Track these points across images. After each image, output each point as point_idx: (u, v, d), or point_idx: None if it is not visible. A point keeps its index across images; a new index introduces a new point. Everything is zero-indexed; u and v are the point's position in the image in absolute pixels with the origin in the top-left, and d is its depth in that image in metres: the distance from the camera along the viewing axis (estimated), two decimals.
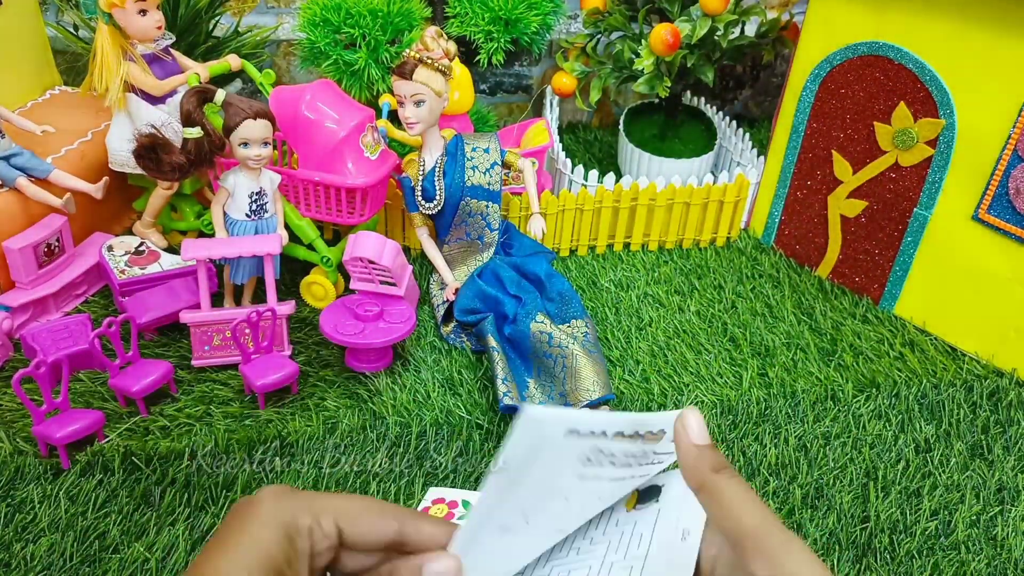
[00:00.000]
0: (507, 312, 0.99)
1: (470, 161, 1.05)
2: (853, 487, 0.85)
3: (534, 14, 1.23)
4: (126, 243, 1.08)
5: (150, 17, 1.00)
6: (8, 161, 0.99)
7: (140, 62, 1.02)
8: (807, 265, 1.21)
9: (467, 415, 0.91)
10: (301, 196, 1.04)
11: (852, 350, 1.04)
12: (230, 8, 1.49)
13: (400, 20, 1.19)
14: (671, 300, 1.12)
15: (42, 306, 1.01)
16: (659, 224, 1.21)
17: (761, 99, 1.71)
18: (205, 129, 0.92)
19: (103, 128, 1.14)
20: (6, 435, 0.85)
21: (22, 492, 0.79)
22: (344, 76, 1.20)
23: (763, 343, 1.05)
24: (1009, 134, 0.93)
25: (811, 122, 1.14)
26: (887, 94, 1.04)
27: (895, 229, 1.08)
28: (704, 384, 0.97)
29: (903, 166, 1.05)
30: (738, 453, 0.88)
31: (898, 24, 1.00)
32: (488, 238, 1.08)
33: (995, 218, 0.98)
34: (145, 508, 0.78)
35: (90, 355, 0.93)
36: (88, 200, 1.05)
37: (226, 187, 0.95)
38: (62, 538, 0.75)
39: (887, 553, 0.78)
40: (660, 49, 1.18)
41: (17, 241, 0.97)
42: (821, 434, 0.91)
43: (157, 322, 0.99)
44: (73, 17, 1.35)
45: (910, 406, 0.96)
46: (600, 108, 1.66)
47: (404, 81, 0.97)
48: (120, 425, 0.87)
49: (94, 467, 0.82)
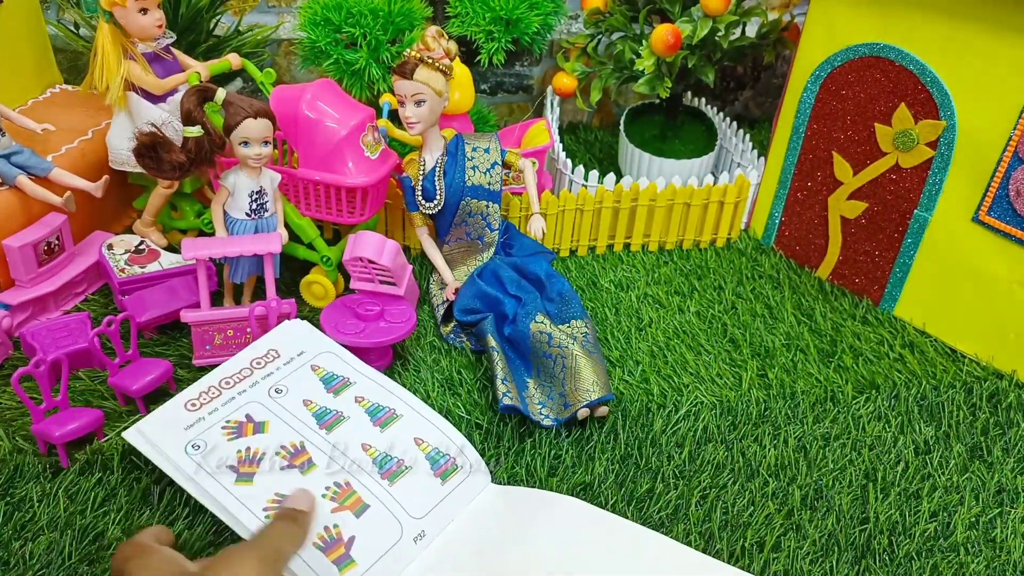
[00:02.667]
0: (507, 312, 0.99)
1: (470, 161, 1.05)
2: (852, 488, 0.85)
3: (535, 14, 1.23)
4: (126, 242, 1.08)
5: (151, 16, 1.00)
6: (8, 159, 0.99)
7: (141, 61, 1.02)
8: (807, 266, 1.21)
9: (466, 415, 0.91)
10: (301, 195, 1.04)
11: (852, 351, 1.04)
12: (231, 7, 1.49)
13: (401, 20, 1.19)
14: (671, 301, 1.12)
15: (42, 304, 1.01)
16: (659, 225, 1.21)
17: (762, 100, 1.71)
18: (205, 128, 0.92)
19: (103, 127, 1.14)
20: (5, 433, 0.85)
21: (21, 490, 0.79)
22: (345, 75, 1.20)
23: (763, 344, 1.05)
24: (1010, 136, 0.93)
25: (811, 123, 1.14)
26: (888, 95, 1.04)
27: (895, 230, 1.08)
28: (704, 385, 0.97)
29: (903, 167, 1.05)
30: (737, 454, 0.88)
31: (899, 26, 1.00)
32: (488, 238, 1.08)
33: (995, 220, 0.98)
34: (144, 507, 0.78)
35: (90, 354, 0.93)
36: (88, 198, 1.05)
37: (226, 186, 0.95)
38: (61, 536, 0.75)
39: (886, 555, 0.78)
40: (661, 50, 1.18)
41: (17, 239, 0.97)
42: (820, 435, 0.91)
43: (157, 321, 0.99)
44: (74, 15, 1.35)
45: (910, 407, 0.96)
46: (600, 108, 1.66)
47: (405, 80, 0.97)
48: (120, 424, 0.87)
49: (93, 466, 0.82)
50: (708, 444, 0.89)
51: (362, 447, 0.76)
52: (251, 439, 0.75)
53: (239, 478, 0.72)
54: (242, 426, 0.77)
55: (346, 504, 0.71)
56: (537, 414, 0.89)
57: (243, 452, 0.74)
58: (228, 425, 0.77)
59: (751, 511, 0.82)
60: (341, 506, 0.70)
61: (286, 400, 0.80)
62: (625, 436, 0.90)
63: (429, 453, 0.78)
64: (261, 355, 0.85)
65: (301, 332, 0.89)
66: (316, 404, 0.80)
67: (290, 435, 0.76)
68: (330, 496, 0.71)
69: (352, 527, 0.69)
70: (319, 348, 0.88)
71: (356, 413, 0.80)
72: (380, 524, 0.71)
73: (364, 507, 0.71)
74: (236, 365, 0.84)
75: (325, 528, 0.68)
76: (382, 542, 0.70)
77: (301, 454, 0.75)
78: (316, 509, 0.68)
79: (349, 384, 0.83)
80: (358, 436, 0.78)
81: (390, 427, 0.79)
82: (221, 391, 0.80)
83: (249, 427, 0.77)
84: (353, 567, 0.67)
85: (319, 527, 0.68)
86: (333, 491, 0.72)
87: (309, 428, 0.77)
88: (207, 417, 0.77)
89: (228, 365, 0.83)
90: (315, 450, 0.75)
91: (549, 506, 0.76)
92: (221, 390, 0.80)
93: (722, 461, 0.87)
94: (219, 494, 0.70)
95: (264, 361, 0.84)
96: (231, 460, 0.73)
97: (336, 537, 0.68)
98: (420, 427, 0.81)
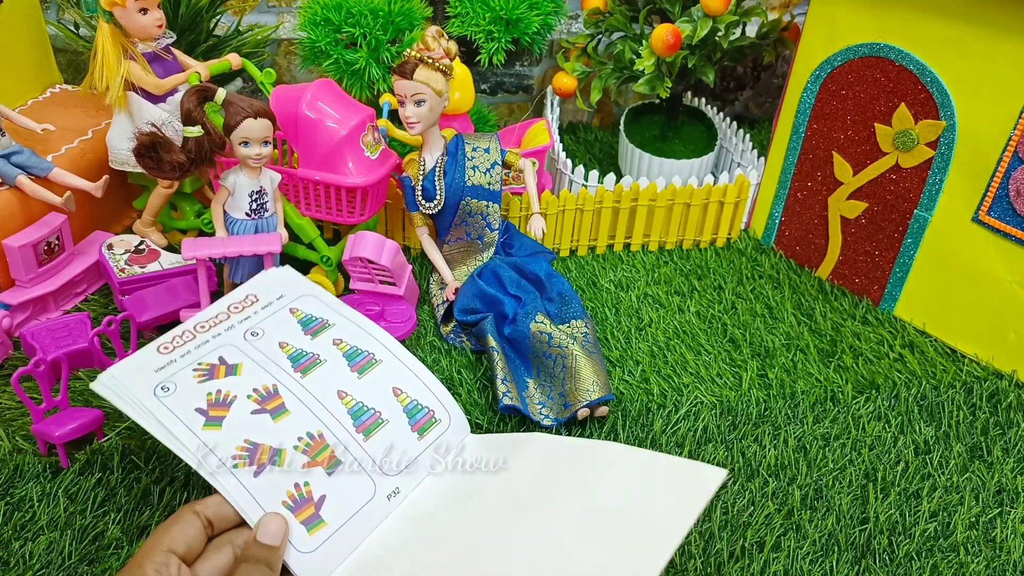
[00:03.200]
0: (507, 312, 0.99)
1: (470, 161, 1.05)
2: (852, 488, 0.85)
3: (535, 14, 1.23)
4: (126, 242, 1.08)
5: (151, 15, 1.00)
6: (8, 159, 0.99)
7: (141, 61, 1.02)
8: (807, 266, 1.21)
9: (466, 415, 0.91)
10: (301, 195, 1.04)
11: (852, 351, 1.04)
12: (231, 7, 1.49)
13: (401, 20, 1.19)
14: (671, 301, 1.12)
15: (42, 304, 1.01)
16: (659, 225, 1.21)
17: (762, 100, 1.71)
18: (205, 128, 0.92)
19: (103, 126, 1.14)
20: (5, 433, 0.85)
21: (21, 490, 0.79)
22: (345, 75, 1.20)
23: (763, 344, 1.05)
24: (1010, 136, 0.93)
25: (811, 123, 1.14)
26: (888, 95, 1.04)
27: (895, 230, 1.08)
28: (704, 385, 0.97)
29: (903, 168, 1.05)
30: (737, 454, 0.88)
31: (899, 25, 1.00)
32: (488, 238, 1.08)
33: (995, 220, 0.98)
34: (144, 507, 0.78)
35: (90, 354, 0.93)
36: (88, 198, 1.05)
37: (226, 186, 0.95)
38: (61, 536, 0.75)
39: (886, 555, 0.78)
40: (661, 50, 1.18)
41: (17, 239, 0.97)
42: (820, 435, 0.91)
43: (157, 321, 0.99)
44: (74, 15, 1.35)
45: (909, 407, 0.96)
46: (601, 108, 1.66)
47: (405, 80, 0.97)
48: (119, 424, 0.87)
49: (93, 465, 0.82)
50: (708, 444, 0.89)
51: (338, 394, 0.74)
52: (222, 381, 0.72)
53: (207, 422, 0.68)
54: (214, 368, 0.73)
55: (318, 459, 0.68)
56: (537, 414, 0.89)
57: (213, 395, 0.70)
58: (200, 367, 0.73)
59: (751, 511, 0.82)
60: (313, 461, 0.68)
61: (261, 343, 0.76)
62: (625, 436, 0.90)
63: (407, 405, 0.75)
64: (239, 300, 0.81)
65: (282, 276, 0.85)
66: (292, 346, 0.76)
67: (263, 378, 0.73)
68: (302, 448, 0.69)
69: (323, 485, 0.67)
70: (299, 291, 0.83)
71: (333, 356, 0.77)
72: (352, 482, 0.68)
73: (336, 463, 0.69)
74: (213, 311, 0.79)
75: (295, 485, 0.66)
76: (354, 501, 0.68)
77: (274, 398, 0.72)
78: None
79: (327, 326, 0.79)
80: (334, 382, 0.75)
81: (368, 373, 0.76)
82: (196, 334, 0.76)
83: (221, 369, 0.73)
84: (323, 527, 0.65)
85: (288, 483, 0.66)
86: (306, 442, 0.69)
87: (284, 371, 0.74)
88: (178, 360, 0.73)
89: (204, 312, 0.79)
90: (288, 395, 0.72)
91: (523, 445, 0.74)
92: (196, 333, 0.76)
93: (722, 461, 0.87)
94: (186, 438, 0.67)
95: (242, 306, 0.80)
96: (200, 403, 0.70)
97: (306, 496, 0.66)
98: (399, 375, 0.77)
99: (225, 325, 0.77)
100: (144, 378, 0.71)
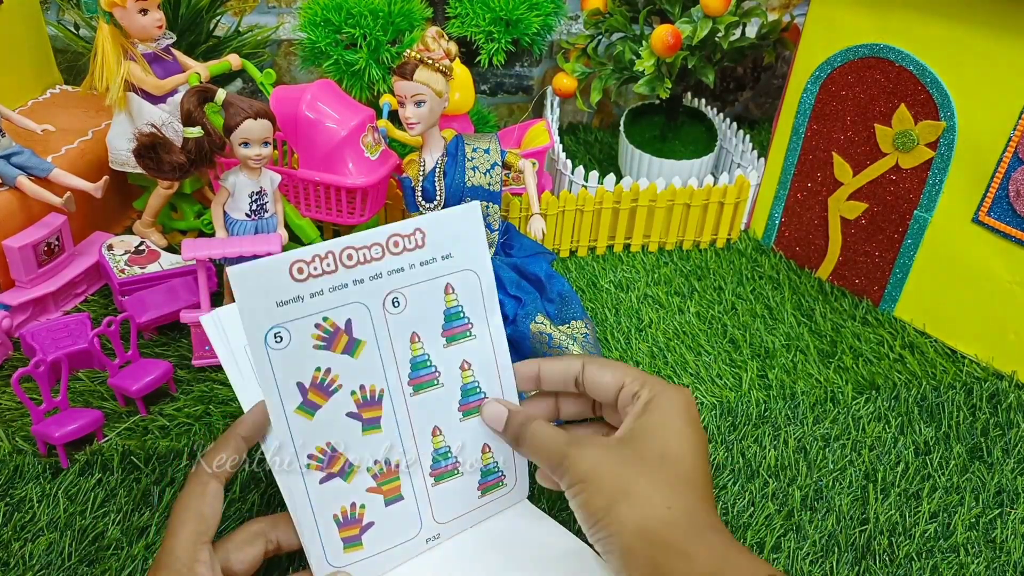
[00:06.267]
0: (507, 313, 0.99)
1: (470, 162, 1.05)
2: (852, 489, 0.85)
3: (535, 15, 1.23)
4: (126, 242, 1.08)
5: (151, 16, 1.00)
6: (8, 160, 0.99)
7: (141, 61, 1.02)
8: (807, 267, 1.21)
9: None
10: (301, 196, 1.04)
11: (852, 352, 1.04)
12: (231, 8, 1.49)
13: (401, 20, 1.19)
14: (671, 301, 1.12)
15: (41, 305, 1.01)
16: (659, 225, 1.21)
17: (762, 101, 1.71)
18: (206, 128, 0.92)
19: (103, 127, 1.14)
20: (5, 434, 0.85)
21: (20, 491, 0.79)
22: (345, 76, 1.20)
23: (763, 345, 1.05)
24: (1010, 136, 0.93)
25: (811, 124, 1.14)
26: (888, 96, 1.04)
27: (895, 231, 1.08)
28: (704, 385, 0.97)
29: (903, 168, 1.05)
30: (737, 455, 0.88)
31: (899, 26, 1.00)
32: (488, 239, 1.08)
33: (995, 220, 0.98)
34: (144, 508, 0.78)
35: (89, 354, 0.93)
36: (88, 199, 1.05)
37: (226, 187, 0.95)
38: (60, 537, 0.75)
39: (886, 555, 0.78)
40: (661, 50, 1.18)
41: (17, 240, 0.97)
42: (820, 436, 0.91)
43: (157, 321, 0.99)
44: (74, 16, 1.35)
45: (909, 408, 0.96)
46: (600, 109, 1.66)
47: (404, 81, 0.97)
48: (119, 424, 0.87)
49: (93, 466, 0.82)
50: (708, 444, 0.89)
51: (433, 431, 0.68)
52: (337, 358, 0.63)
53: (301, 405, 0.61)
54: (336, 334, 0.62)
55: (383, 488, 0.66)
56: None
57: (321, 372, 0.62)
58: (323, 325, 0.62)
59: (751, 512, 0.82)
60: (378, 488, 0.66)
61: (396, 321, 0.65)
62: None
63: (487, 465, 0.71)
64: (406, 234, 0.65)
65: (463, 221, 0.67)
66: (421, 347, 0.66)
67: (375, 376, 0.64)
68: (374, 472, 0.65)
69: (376, 513, 0.66)
70: (468, 258, 0.67)
71: (452, 383, 0.68)
72: (402, 518, 0.68)
73: (397, 498, 0.67)
74: (369, 239, 0.63)
75: (352, 504, 0.65)
76: (396, 536, 0.67)
77: (374, 407, 0.65)
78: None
79: (468, 335, 0.68)
80: (437, 413, 0.68)
81: (470, 419, 0.69)
82: (339, 265, 0.62)
83: (343, 340, 0.63)
84: (358, 550, 0.65)
85: (346, 500, 0.64)
86: (380, 467, 0.65)
87: (398, 378, 0.66)
88: (306, 299, 0.61)
89: (360, 236, 0.63)
90: (389, 409, 0.65)
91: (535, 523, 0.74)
92: (340, 264, 0.62)
93: (722, 462, 0.87)
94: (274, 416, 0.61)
95: (403, 245, 0.65)
96: (304, 376, 0.61)
97: (357, 517, 0.65)
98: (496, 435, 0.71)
99: (373, 269, 0.64)
100: (264, 305, 0.59)
